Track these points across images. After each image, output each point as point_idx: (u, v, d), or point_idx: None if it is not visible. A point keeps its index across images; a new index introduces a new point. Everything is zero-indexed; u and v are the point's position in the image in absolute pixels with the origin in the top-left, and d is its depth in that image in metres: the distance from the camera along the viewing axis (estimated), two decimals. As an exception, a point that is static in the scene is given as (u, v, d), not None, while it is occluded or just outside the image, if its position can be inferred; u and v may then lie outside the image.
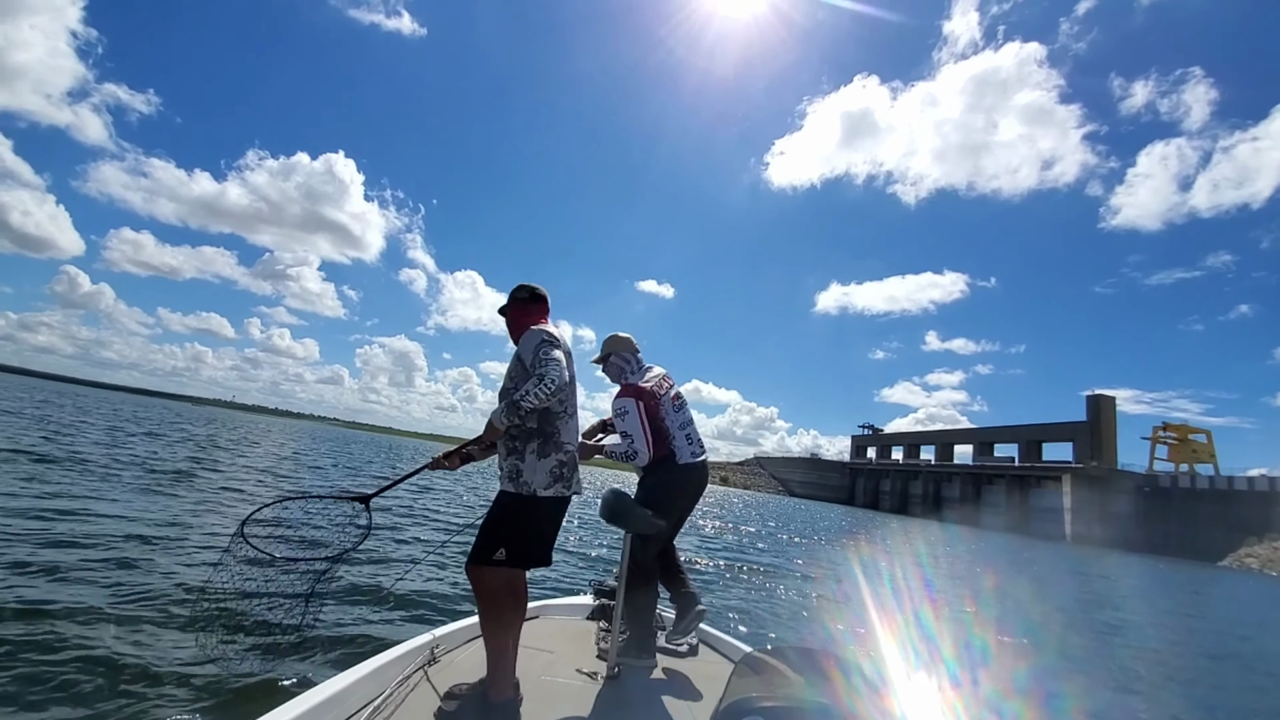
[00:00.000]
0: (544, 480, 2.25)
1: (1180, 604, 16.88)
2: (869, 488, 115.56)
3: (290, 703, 1.76)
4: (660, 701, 2.44)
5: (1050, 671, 6.28)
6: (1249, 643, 11.20)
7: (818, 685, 1.22)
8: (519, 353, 2.34)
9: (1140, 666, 7.43)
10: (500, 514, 2.24)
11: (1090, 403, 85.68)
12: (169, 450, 15.66)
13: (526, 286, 2.57)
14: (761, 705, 1.14)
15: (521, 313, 2.52)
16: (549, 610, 3.36)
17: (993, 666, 6.06)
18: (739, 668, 1.37)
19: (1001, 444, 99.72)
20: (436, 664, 2.41)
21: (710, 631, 3.36)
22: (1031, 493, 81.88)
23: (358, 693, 2.00)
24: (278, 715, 1.68)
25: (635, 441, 2.96)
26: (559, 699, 2.30)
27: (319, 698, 1.82)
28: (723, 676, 2.62)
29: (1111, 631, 9.86)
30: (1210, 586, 26.37)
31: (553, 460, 2.28)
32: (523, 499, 2.23)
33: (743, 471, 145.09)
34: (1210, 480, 69.42)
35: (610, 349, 3.26)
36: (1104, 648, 8.28)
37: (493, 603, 2.16)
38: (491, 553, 2.17)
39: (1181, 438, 78.30)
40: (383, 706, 1.96)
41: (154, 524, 6.74)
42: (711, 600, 7.71)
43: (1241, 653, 10.03)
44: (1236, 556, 58.88)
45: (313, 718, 1.76)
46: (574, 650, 2.84)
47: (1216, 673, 8.01)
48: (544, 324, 2.43)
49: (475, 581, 2.20)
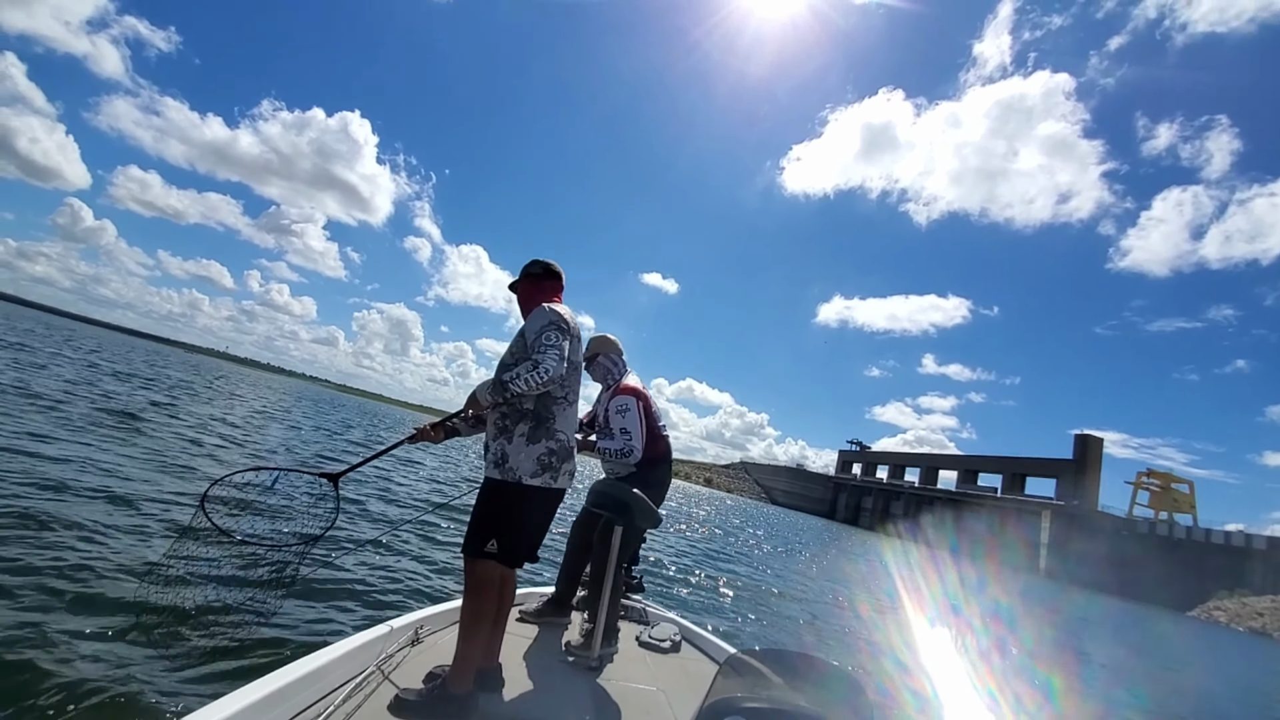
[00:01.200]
0: (530, 468, 2.13)
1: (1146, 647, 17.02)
2: (850, 503, 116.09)
3: (268, 676, 1.73)
4: (642, 695, 2.44)
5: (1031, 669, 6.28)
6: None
7: (802, 689, 1.21)
8: (524, 329, 2.24)
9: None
10: (487, 503, 2.14)
11: (1078, 441, 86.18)
12: (132, 393, 14.74)
13: (540, 262, 2.47)
14: (745, 706, 1.12)
15: (534, 288, 2.43)
16: (533, 599, 3.34)
17: (983, 667, 6.09)
18: (724, 668, 1.34)
19: (986, 473, 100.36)
20: (420, 644, 2.39)
21: (694, 630, 3.38)
22: (1010, 524, 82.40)
23: (339, 669, 1.98)
24: (256, 689, 1.64)
25: (633, 439, 3.06)
26: (541, 690, 2.29)
27: (300, 672, 1.79)
28: (704, 674, 2.70)
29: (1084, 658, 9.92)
30: (1178, 634, 26.62)
31: (542, 447, 2.16)
32: (508, 486, 2.12)
33: (728, 475, 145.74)
34: (1188, 530, 70.15)
35: (598, 349, 3.32)
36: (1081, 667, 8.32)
37: (477, 594, 2.08)
38: (483, 544, 2.08)
39: (1164, 486, 78.91)
40: (363, 684, 1.95)
41: (83, 470, 6.01)
42: (694, 598, 7.72)
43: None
44: (1205, 608, 59.46)
45: (293, 692, 1.74)
46: (555, 639, 2.84)
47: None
48: (557, 303, 2.33)
49: (468, 572, 2.12)
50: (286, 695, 1.71)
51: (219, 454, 9.31)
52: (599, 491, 2.80)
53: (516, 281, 2.48)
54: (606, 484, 2.87)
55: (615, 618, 2.93)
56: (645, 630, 3.19)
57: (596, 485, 2.87)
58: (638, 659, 2.86)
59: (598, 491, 2.81)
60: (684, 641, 3.21)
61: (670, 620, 3.48)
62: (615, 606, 2.91)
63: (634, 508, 2.64)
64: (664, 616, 3.54)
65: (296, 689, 1.75)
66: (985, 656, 6.50)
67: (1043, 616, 14.21)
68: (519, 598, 3.27)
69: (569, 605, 3.22)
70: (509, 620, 2.33)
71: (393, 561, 5.72)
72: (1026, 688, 5.57)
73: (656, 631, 3.17)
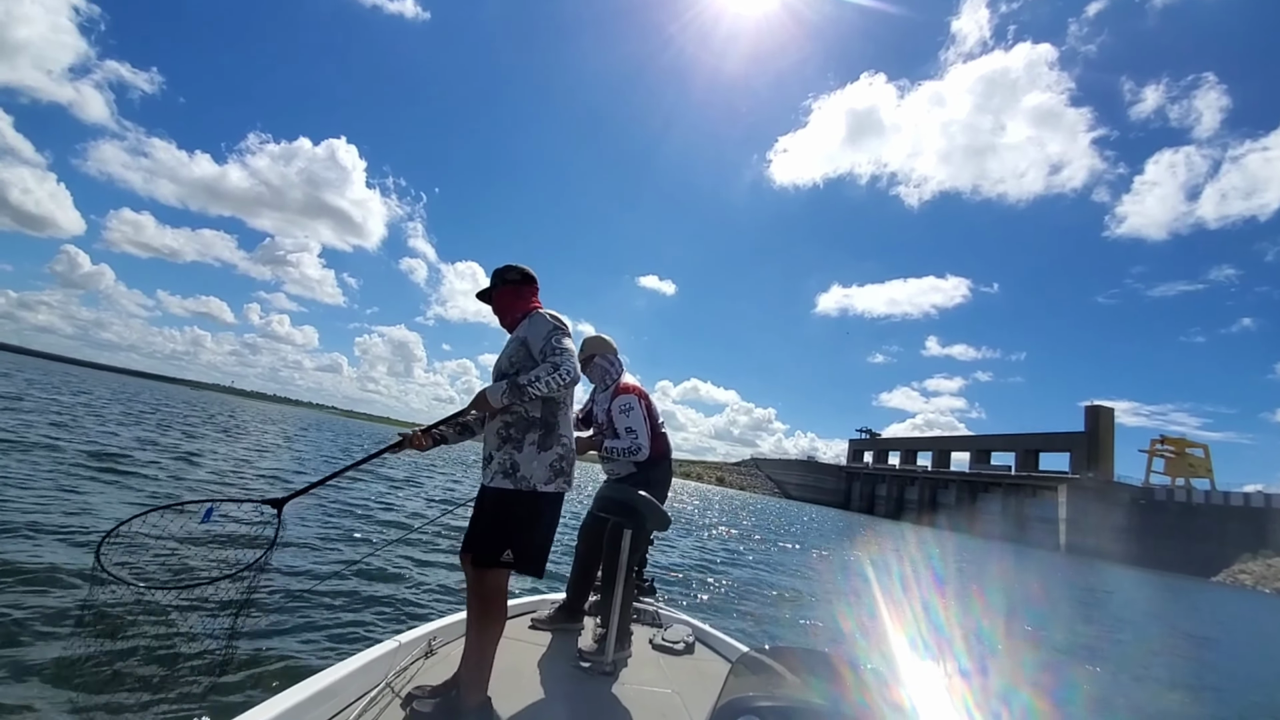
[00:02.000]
0: (544, 475, 2.13)
1: (1181, 615, 16.83)
2: (865, 492, 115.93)
3: (286, 692, 1.74)
4: (657, 698, 2.43)
5: (1057, 664, 6.19)
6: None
7: (815, 686, 1.21)
8: (525, 338, 2.22)
9: (1143, 665, 7.35)
10: (499, 513, 2.11)
11: (1089, 413, 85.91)
12: (107, 429, 14.31)
13: (517, 268, 2.43)
14: (758, 705, 1.12)
15: (514, 294, 2.39)
16: (545, 606, 3.33)
17: (1001, 659, 6.01)
18: (736, 667, 1.36)
19: (999, 452, 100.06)
20: (434, 655, 2.38)
21: (707, 630, 3.37)
22: (1027, 502, 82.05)
23: (354, 684, 1.98)
24: (273, 705, 1.65)
25: (640, 437, 3.07)
26: (556, 697, 2.29)
27: (315, 688, 1.81)
28: (719, 675, 2.65)
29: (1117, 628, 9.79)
30: (1204, 601, 26.37)
31: (554, 453, 2.16)
32: (523, 495, 2.11)
33: (739, 472, 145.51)
34: (1206, 495, 69.70)
35: (594, 350, 3.29)
36: (1110, 647, 8.21)
37: (489, 606, 2.06)
38: (499, 554, 2.05)
39: (1179, 451, 78.51)
40: (378, 698, 1.95)
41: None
42: (709, 599, 7.67)
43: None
44: (1230, 572, 59.05)
45: (310, 707, 1.75)
46: (568, 645, 2.83)
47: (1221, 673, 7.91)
48: (542, 308, 2.32)
49: (477, 583, 2.08)
50: (301, 712, 1.71)
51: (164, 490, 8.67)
52: (606, 497, 2.79)
53: (490, 290, 2.44)
54: (613, 488, 2.85)
55: (628, 621, 2.91)
56: (658, 633, 3.16)
57: (603, 491, 2.85)
58: (651, 662, 2.84)
59: (605, 497, 2.80)
60: (698, 643, 3.19)
61: (683, 622, 3.46)
62: (627, 610, 2.89)
63: (643, 510, 2.64)
64: (677, 618, 3.52)
65: (310, 706, 1.75)
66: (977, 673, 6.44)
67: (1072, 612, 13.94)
68: (530, 605, 3.28)
69: (581, 611, 3.20)
70: (522, 628, 2.33)
71: (390, 578, 5.74)
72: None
73: (669, 634, 3.15)
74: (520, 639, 2.83)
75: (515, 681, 2.33)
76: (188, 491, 8.60)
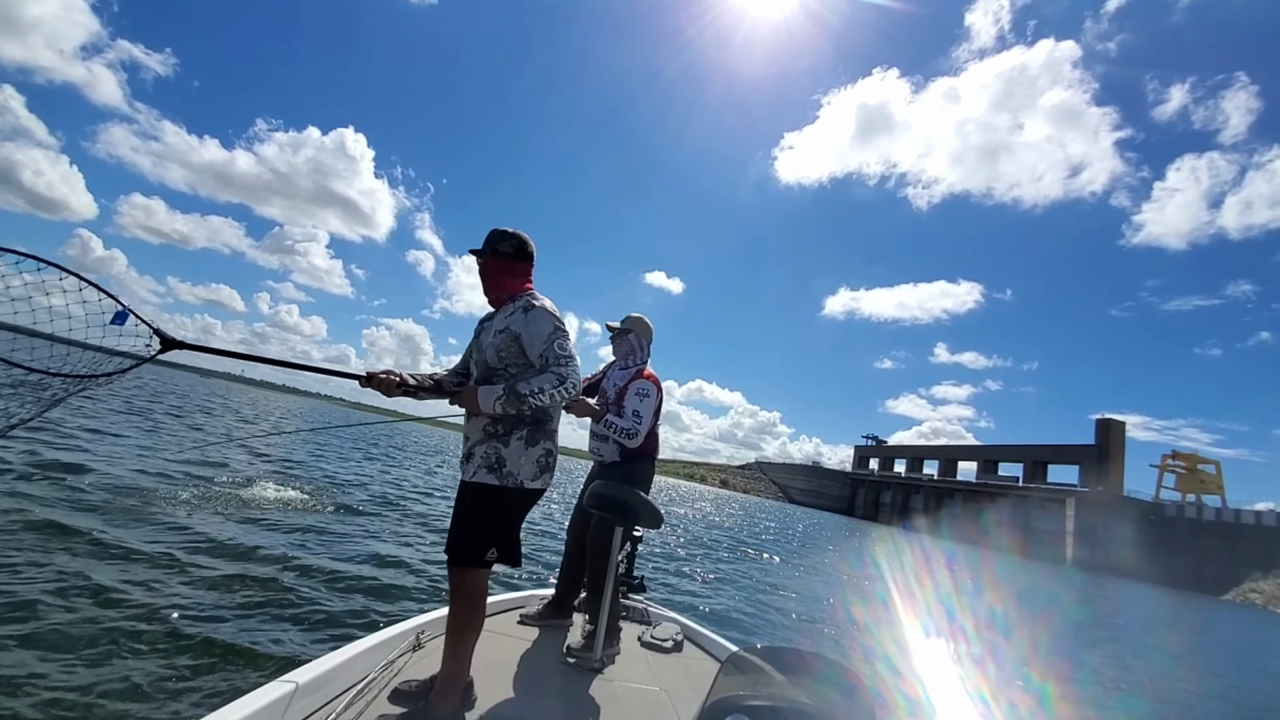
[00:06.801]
0: (531, 471, 2.04)
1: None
2: (869, 499, 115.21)
3: (273, 683, 1.72)
4: (645, 696, 2.42)
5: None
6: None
7: (804, 686, 1.20)
8: (519, 334, 2.04)
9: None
10: (484, 509, 2.01)
11: (1100, 426, 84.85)
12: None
13: (512, 238, 2.14)
14: (747, 704, 1.11)
15: (504, 269, 2.14)
16: (533, 601, 3.29)
17: (994, 665, 5.90)
18: (726, 666, 1.33)
19: (1007, 463, 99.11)
20: (421, 649, 2.36)
21: (696, 629, 3.36)
22: (1034, 514, 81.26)
23: (342, 676, 1.96)
24: (260, 696, 1.63)
25: (642, 424, 3.00)
26: (543, 693, 2.28)
27: (303, 679, 1.79)
28: (707, 673, 2.65)
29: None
30: (1218, 618, 25.93)
31: (541, 448, 2.07)
32: (509, 491, 2.01)
33: (743, 475, 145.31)
34: (1217, 512, 68.74)
35: (633, 328, 3.26)
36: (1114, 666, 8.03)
37: (472, 605, 1.98)
38: (483, 553, 1.96)
39: (1190, 467, 77.46)
40: (365, 690, 1.94)
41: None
42: (702, 599, 7.59)
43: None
44: (1240, 591, 58.21)
45: (298, 699, 1.73)
46: (556, 641, 2.82)
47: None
48: (535, 292, 2.15)
49: (458, 582, 1.98)
50: (289, 704, 1.70)
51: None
52: (598, 493, 2.74)
53: (482, 252, 2.16)
54: (606, 485, 2.81)
55: (616, 618, 2.89)
56: (647, 630, 3.15)
57: (595, 487, 2.80)
58: (640, 659, 2.81)
59: (596, 493, 2.75)
60: (686, 641, 3.18)
61: (672, 620, 3.44)
62: (616, 607, 2.86)
63: (636, 508, 2.61)
64: (665, 616, 3.51)
65: (298, 697, 1.74)
66: (980, 663, 6.29)
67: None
68: (519, 600, 3.25)
69: (570, 607, 3.17)
70: (505, 617, 2.31)
71: (377, 569, 5.70)
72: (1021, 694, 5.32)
73: (658, 631, 3.13)
74: (508, 634, 2.81)
75: (502, 677, 2.30)
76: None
